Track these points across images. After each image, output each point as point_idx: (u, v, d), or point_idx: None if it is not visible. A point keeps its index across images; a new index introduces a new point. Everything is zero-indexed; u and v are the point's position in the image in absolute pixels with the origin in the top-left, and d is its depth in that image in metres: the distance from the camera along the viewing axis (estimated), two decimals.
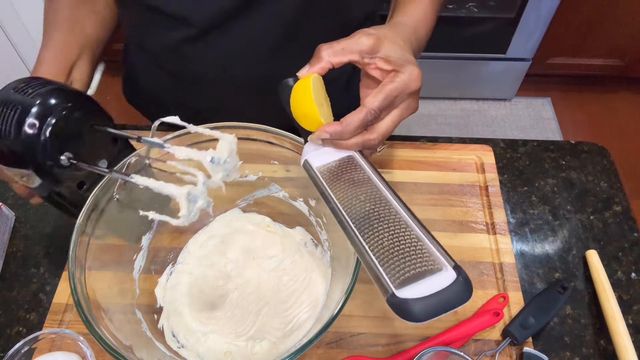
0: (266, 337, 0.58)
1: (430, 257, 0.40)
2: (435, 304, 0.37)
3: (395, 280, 0.38)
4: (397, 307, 0.37)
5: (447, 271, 0.38)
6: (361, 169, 0.49)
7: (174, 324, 0.60)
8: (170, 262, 0.65)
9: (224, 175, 0.47)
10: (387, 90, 0.48)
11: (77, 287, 0.48)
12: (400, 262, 0.39)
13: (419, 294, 0.37)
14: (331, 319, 0.46)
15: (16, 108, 0.47)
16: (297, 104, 0.50)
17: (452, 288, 0.37)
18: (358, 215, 0.44)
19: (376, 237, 0.42)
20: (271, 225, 0.68)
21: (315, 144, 0.51)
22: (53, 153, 0.48)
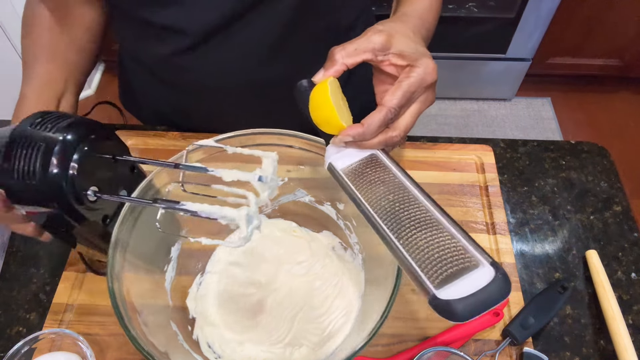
0: (304, 344, 0.58)
1: (465, 255, 0.39)
2: (476, 302, 0.37)
3: (434, 281, 0.38)
4: (440, 308, 0.37)
5: (485, 268, 0.38)
6: (385, 167, 0.49)
7: (208, 334, 0.59)
8: (199, 272, 0.64)
9: (269, 193, 0.48)
10: (404, 87, 0.48)
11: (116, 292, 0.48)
12: (437, 261, 0.39)
13: (460, 293, 0.37)
14: (377, 328, 0.46)
15: (39, 146, 0.44)
16: (316, 109, 0.50)
17: (492, 285, 0.37)
18: (389, 216, 0.43)
19: (410, 238, 0.41)
20: (297, 231, 0.68)
21: (336, 146, 0.51)
22: (80, 189, 0.46)
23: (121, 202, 0.52)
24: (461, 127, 2.00)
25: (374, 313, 0.49)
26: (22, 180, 0.44)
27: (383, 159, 0.49)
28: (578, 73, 1.99)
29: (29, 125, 0.46)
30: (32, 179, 0.44)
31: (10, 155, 0.44)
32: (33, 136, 0.45)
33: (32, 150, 0.44)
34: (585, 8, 1.73)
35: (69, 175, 0.45)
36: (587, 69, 1.96)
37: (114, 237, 0.50)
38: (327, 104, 0.48)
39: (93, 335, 0.59)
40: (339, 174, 0.49)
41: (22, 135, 0.45)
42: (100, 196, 0.48)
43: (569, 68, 1.96)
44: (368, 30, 0.51)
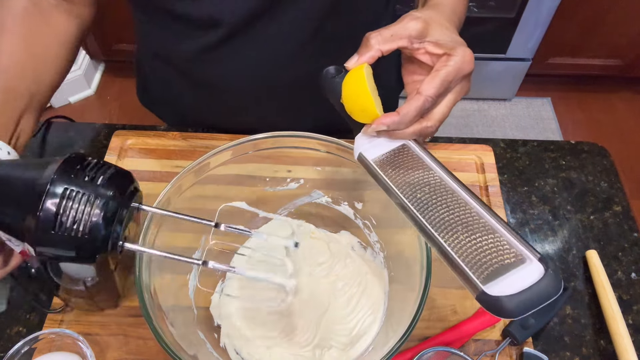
0: (333, 345, 0.58)
1: (511, 249, 0.38)
2: (529, 299, 0.36)
3: (480, 276, 0.37)
4: (490, 304, 0.36)
5: (533, 263, 0.37)
6: (418, 157, 0.47)
7: (235, 341, 0.59)
8: (219, 279, 0.64)
9: None
10: (442, 76, 0.47)
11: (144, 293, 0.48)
12: (481, 256, 0.38)
13: (511, 290, 0.36)
14: (411, 327, 0.46)
15: (90, 199, 0.39)
16: (351, 96, 0.48)
17: (544, 282, 0.36)
18: (427, 208, 0.42)
19: (451, 231, 0.40)
20: (315, 232, 0.68)
21: (367, 136, 0.49)
22: (114, 242, 0.42)
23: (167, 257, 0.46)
24: (461, 127, 2.00)
25: (403, 311, 0.49)
26: (65, 235, 0.39)
27: (415, 149, 0.48)
28: (578, 73, 1.99)
29: (72, 172, 0.40)
30: (78, 233, 0.39)
31: (56, 204, 0.39)
32: (81, 186, 0.40)
33: (84, 203, 0.39)
34: (585, 8, 1.73)
35: (112, 231, 0.41)
36: (587, 69, 1.96)
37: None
38: (363, 91, 0.47)
39: (93, 335, 0.59)
40: (371, 164, 0.48)
41: (69, 184, 0.39)
42: (142, 250, 0.45)
43: (569, 68, 1.96)
44: (404, 16, 0.50)
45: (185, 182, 0.55)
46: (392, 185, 0.45)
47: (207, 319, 0.60)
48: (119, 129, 0.79)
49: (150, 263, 0.50)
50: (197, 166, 0.55)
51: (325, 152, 0.59)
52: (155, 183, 0.73)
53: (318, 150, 0.59)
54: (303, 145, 0.59)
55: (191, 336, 0.55)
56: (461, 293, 0.63)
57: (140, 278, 0.48)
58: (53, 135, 0.81)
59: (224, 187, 0.49)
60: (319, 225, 0.68)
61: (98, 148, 0.78)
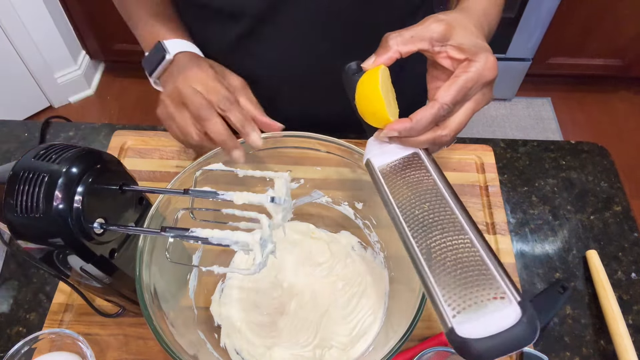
0: (333, 345, 0.58)
1: (493, 286, 0.36)
2: (498, 345, 0.34)
3: (454, 310, 0.36)
4: (456, 344, 0.35)
5: (511, 306, 0.35)
6: (426, 170, 0.45)
7: (235, 341, 0.59)
8: (220, 279, 0.64)
9: (283, 215, 0.46)
10: (461, 82, 0.44)
11: None
12: (462, 288, 0.36)
13: (479, 333, 0.34)
14: (411, 327, 0.46)
15: (42, 178, 0.42)
16: (363, 99, 0.46)
17: (516, 329, 0.34)
18: (420, 228, 0.41)
19: (438, 256, 0.39)
20: (315, 232, 0.68)
21: (378, 141, 0.48)
22: (86, 222, 0.44)
23: (129, 233, 0.50)
24: None
25: (403, 311, 0.49)
26: (26, 215, 0.42)
27: (425, 160, 0.46)
28: (578, 73, 1.99)
29: (32, 157, 0.43)
30: (36, 214, 0.41)
31: (13, 189, 0.42)
32: (37, 168, 0.42)
33: (36, 184, 0.42)
34: (585, 8, 1.73)
35: (74, 208, 0.42)
36: (587, 69, 1.96)
37: (139, 251, 0.49)
38: (375, 94, 0.45)
39: (93, 335, 0.59)
40: (376, 172, 0.46)
41: (26, 168, 0.42)
42: (106, 228, 0.46)
43: (569, 68, 1.96)
44: (427, 18, 0.47)
45: (186, 182, 0.55)
46: (391, 198, 0.44)
47: (207, 319, 0.60)
48: (119, 129, 0.79)
49: (151, 263, 0.50)
50: (197, 166, 0.55)
51: (325, 152, 0.59)
52: (155, 183, 0.73)
53: (318, 150, 0.59)
54: (303, 145, 0.59)
55: (191, 336, 0.55)
56: None
57: (140, 278, 0.48)
58: (53, 135, 0.81)
59: (224, 187, 0.49)
60: (319, 225, 0.68)
61: (98, 148, 0.78)
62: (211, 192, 0.46)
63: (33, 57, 1.86)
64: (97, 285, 0.50)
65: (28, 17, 1.76)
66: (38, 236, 0.44)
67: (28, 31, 1.78)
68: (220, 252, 0.65)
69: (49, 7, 1.81)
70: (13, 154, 0.78)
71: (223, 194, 0.46)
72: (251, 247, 0.42)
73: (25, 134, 0.81)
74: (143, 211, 0.53)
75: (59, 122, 0.82)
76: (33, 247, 0.45)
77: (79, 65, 2.03)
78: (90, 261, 0.46)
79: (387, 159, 0.47)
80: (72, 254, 0.45)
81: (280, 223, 0.46)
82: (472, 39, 0.47)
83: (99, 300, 0.61)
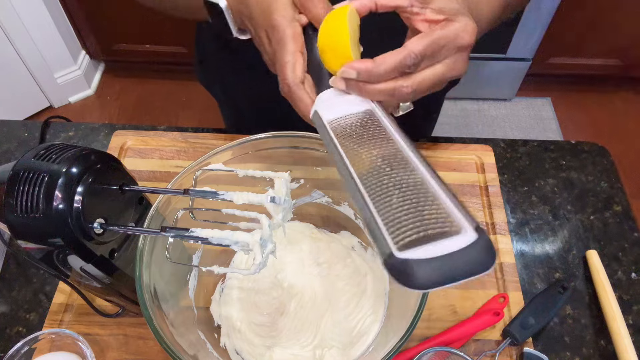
0: (333, 345, 0.58)
1: (447, 218, 0.32)
2: (444, 268, 0.29)
3: (399, 242, 0.31)
4: (395, 269, 0.30)
5: (465, 231, 0.31)
6: (379, 123, 0.41)
7: (235, 341, 0.59)
8: (219, 279, 0.64)
9: (283, 215, 0.46)
10: (434, 36, 0.41)
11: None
12: (410, 222, 0.32)
13: (425, 255, 0.30)
14: (411, 327, 0.45)
15: (42, 178, 0.42)
16: (327, 35, 0.43)
17: (469, 251, 0.30)
18: (366, 169, 0.37)
19: (384, 194, 0.34)
20: (316, 232, 0.68)
21: (334, 92, 0.44)
22: (86, 222, 0.44)
23: (129, 233, 0.50)
24: (461, 127, 2.00)
25: (403, 311, 0.49)
26: (25, 215, 0.42)
27: (380, 115, 0.42)
28: (578, 73, 1.99)
29: (32, 157, 0.43)
30: (36, 214, 0.41)
31: (13, 189, 0.42)
32: (37, 168, 0.42)
33: (36, 184, 0.42)
34: (585, 8, 1.73)
35: (74, 208, 0.42)
36: (587, 69, 1.96)
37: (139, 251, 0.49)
38: (341, 28, 0.41)
39: (93, 335, 0.59)
40: (324, 124, 0.42)
41: (26, 168, 0.42)
42: (106, 228, 0.46)
43: (569, 68, 1.96)
44: None
45: (185, 182, 0.55)
46: (337, 143, 0.39)
47: (207, 319, 0.60)
48: (119, 129, 0.79)
49: (151, 263, 0.50)
50: (197, 166, 0.55)
51: (326, 152, 0.59)
52: (155, 183, 0.73)
53: (318, 150, 0.59)
54: (303, 145, 0.59)
55: (191, 336, 0.55)
56: (461, 293, 0.63)
57: (140, 278, 0.48)
58: (53, 135, 0.81)
59: (224, 187, 0.49)
60: (319, 225, 0.68)
61: (98, 148, 0.78)
62: (211, 192, 0.46)
63: (33, 57, 1.86)
64: (97, 285, 0.50)
65: (28, 17, 1.76)
66: (38, 236, 0.44)
67: (28, 31, 1.78)
68: (220, 252, 0.65)
69: (49, 7, 1.81)
70: (13, 154, 0.78)
71: (223, 194, 0.46)
72: (251, 247, 0.42)
73: (25, 134, 0.81)
74: (143, 211, 0.53)
75: (59, 122, 0.82)
76: (33, 247, 0.45)
77: (79, 65, 2.03)
78: (90, 261, 0.46)
79: (338, 113, 0.42)
80: (72, 254, 0.45)
81: (280, 223, 0.46)
82: (454, 5, 0.44)
83: (99, 300, 0.61)
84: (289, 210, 0.48)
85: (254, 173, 0.50)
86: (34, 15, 1.78)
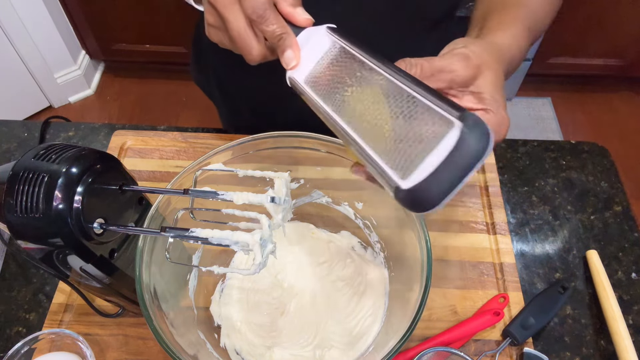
0: (333, 345, 0.58)
1: (433, 119, 0.31)
2: (446, 175, 0.29)
3: (401, 170, 0.31)
4: (405, 201, 0.30)
5: (453, 126, 0.29)
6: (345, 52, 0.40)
7: (235, 341, 0.59)
8: (219, 279, 0.64)
9: (283, 215, 0.46)
10: None
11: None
12: (403, 142, 0.31)
13: (426, 171, 0.29)
14: (411, 327, 0.45)
15: (42, 178, 0.42)
16: None
17: (462, 143, 0.29)
18: (349, 111, 0.36)
19: (373, 125, 0.34)
20: (316, 232, 0.68)
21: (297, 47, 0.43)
22: (86, 222, 0.44)
23: (129, 233, 0.50)
24: None
25: (403, 311, 0.49)
26: (25, 215, 0.42)
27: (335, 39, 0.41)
28: (578, 73, 1.99)
29: (32, 157, 0.43)
30: (36, 214, 0.42)
31: (13, 189, 0.42)
32: (36, 168, 0.42)
33: (36, 184, 0.42)
34: (585, 8, 1.73)
35: (74, 208, 0.42)
36: (587, 69, 1.96)
37: (139, 251, 0.49)
38: None
39: (93, 335, 0.59)
40: (302, 87, 0.41)
41: (26, 168, 0.42)
42: (106, 228, 0.46)
43: (569, 68, 1.96)
44: (453, 52, 0.42)
45: (185, 182, 0.55)
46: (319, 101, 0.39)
47: (207, 319, 0.60)
48: (118, 129, 0.79)
49: (151, 263, 0.50)
50: (197, 166, 0.55)
51: (325, 152, 0.59)
52: (155, 183, 0.73)
53: (318, 150, 0.59)
54: (303, 145, 0.59)
55: (191, 336, 0.55)
56: (461, 293, 0.63)
57: (140, 278, 0.48)
58: (53, 135, 0.81)
59: (224, 187, 0.49)
60: (319, 225, 0.68)
61: (98, 148, 0.78)
62: (211, 192, 0.46)
63: (33, 57, 1.86)
64: (97, 285, 0.50)
65: (28, 17, 1.76)
66: (38, 236, 0.44)
67: (28, 31, 1.78)
68: (220, 252, 0.65)
69: (49, 7, 1.81)
70: (13, 154, 0.78)
71: (223, 194, 0.46)
72: (251, 247, 0.42)
73: (25, 134, 0.81)
74: (143, 211, 0.53)
75: (59, 122, 0.82)
76: (33, 247, 0.45)
77: (79, 65, 2.03)
78: (90, 261, 0.46)
79: (307, 68, 0.42)
80: (72, 254, 0.45)
81: (280, 223, 0.46)
82: (495, 92, 0.42)
83: (99, 300, 0.61)
84: (289, 210, 0.48)
85: (254, 173, 0.49)
86: (34, 15, 1.78)
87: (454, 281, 0.64)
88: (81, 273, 0.47)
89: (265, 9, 0.42)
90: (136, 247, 0.49)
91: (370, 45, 0.40)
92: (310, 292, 0.62)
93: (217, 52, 0.78)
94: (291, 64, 0.43)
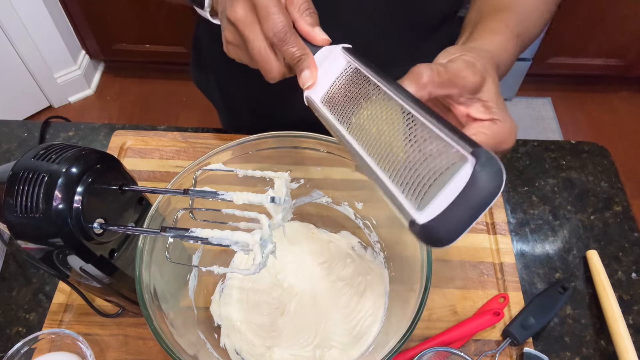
0: (333, 345, 0.58)
1: (447, 152, 0.31)
2: (460, 213, 0.29)
3: (417, 202, 0.31)
4: (420, 236, 0.30)
5: (467, 161, 0.29)
6: (359, 74, 0.40)
7: (235, 341, 0.59)
8: (219, 279, 0.64)
9: (283, 215, 0.46)
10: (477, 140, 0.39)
11: None
12: (419, 171, 0.31)
13: (440, 207, 0.29)
14: (411, 327, 0.45)
15: (42, 178, 0.42)
16: None
17: (475, 181, 0.29)
18: (364, 135, 0.37)
19: (388, 152, 0.34)
20: (316, 232, 0.68)
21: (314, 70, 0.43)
22: (86, 222, 0.44)
23: (129, 233, 0.50)
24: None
25: (403, 311, 0.49)
26: (25, 215, 0.42)
27: (351, 60, 0.41)
28: (578, 73, 1.99)
29: (32, 157, 0.43)
30: (36, 214, 0.42)
31: (13, 189, 0.42)
32: (36, 168, 0.42)
33: (36, 184, 0.42)
34: (586, 8, 1.73)
35: (74, 208, 0.43)
36: (587, 68, 1.96)
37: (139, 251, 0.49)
38: None
39: (93, 335, 0.59)
40: (318, 106, 0.42)
41: (26, 168, 0.42)
42: (106, 228, 0.46)
43: (569, 68, 1.96)
44: (460, 60, 0.41)
45: (185, 182, 0.55)
46: (336, 124, 0.40)
47: (207, 319, 0.60)
48: (118, 129, 0.79)
49: (151, 263, 0.50)
50: (197, 166, 0.55)
51: (325, 152, 0.58)
52: (155, 183, 0.73)
53: (318, 150, 0.59)
54: (303, 145, 0.59)
55: (191, 336, 0.55)
56: (461, 293, 0.63)
57: (140, 278, 0.48)
58: (53, 135, 0.81)
59: (224, 187, 0.49)
60: (319, 225, 0.68)
61: (98, 148, 0.78)
62: (211, 192, 0.46)
63: (33, 57, 1.86)
64: (97, 285, 0.50)
65: (28, 17, 1.76)
66: (38, 236, 0.44)
67: (28, 31, 1.78)
68: (220, 252, 0.64)
69: (49, 7, 1.81)
70: (13, 154, 0.78)
71: (223, 194, 0.46)
72: (251, 247, 0.42)
73: (25, 134, 0.81)
74: (143, 211, 0.53)
75: (59, 122, 0.82)
76: (33, 247, 0.45)
77: (79, 65, 2.03)
78: (90, 261, 0.46)
79: (324, 88, 0.43)
80: (72, 254, 0.45)
81: (280, 223, 0.46)
82: (498, 98, 0.42)
83: (99, 300, 0.61)
84: (289, 210, 0.48)
85: (254, 173, 0.49)
86: (34, 15, 1.78)
87: (454, 281, 0.64)
88: (81, 273, 0.47)
89: (286, 32, 0.42)
90: (136, 247, 0.49)
91: (381, 66, 0.40)
92: (310, 292, 0.62)
93: (217, 53, 0.79)
94: (308, 83, 0.43)
